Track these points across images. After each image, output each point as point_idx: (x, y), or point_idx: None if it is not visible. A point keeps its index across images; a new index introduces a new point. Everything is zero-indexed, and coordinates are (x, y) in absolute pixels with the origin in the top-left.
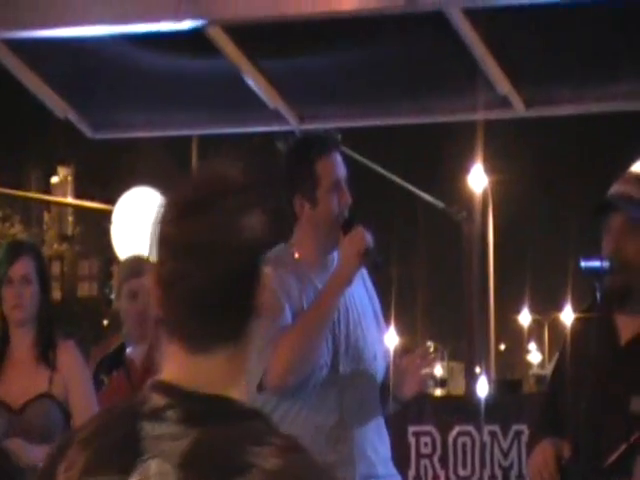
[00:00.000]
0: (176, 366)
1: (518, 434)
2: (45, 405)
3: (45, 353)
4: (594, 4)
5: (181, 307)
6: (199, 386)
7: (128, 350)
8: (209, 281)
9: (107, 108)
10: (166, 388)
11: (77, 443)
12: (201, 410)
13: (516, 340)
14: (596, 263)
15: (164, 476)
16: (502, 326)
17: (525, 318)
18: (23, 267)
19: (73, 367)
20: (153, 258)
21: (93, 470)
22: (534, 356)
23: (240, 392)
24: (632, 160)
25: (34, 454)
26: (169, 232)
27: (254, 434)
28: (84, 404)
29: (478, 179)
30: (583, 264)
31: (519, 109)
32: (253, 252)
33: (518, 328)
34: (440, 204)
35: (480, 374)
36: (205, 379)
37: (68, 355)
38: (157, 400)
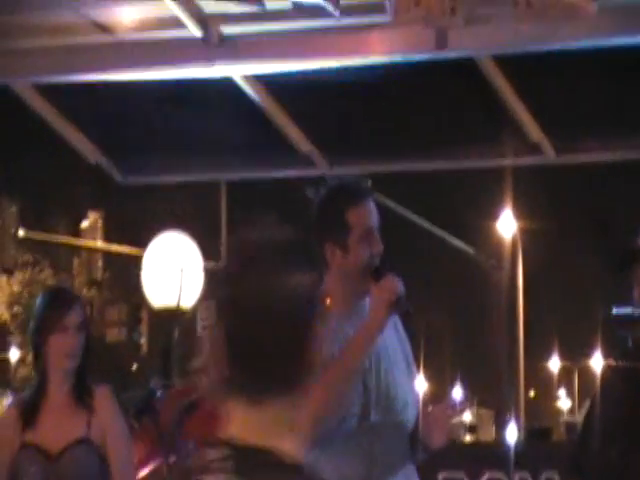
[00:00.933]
0: (235, 418)
1: None
2: (83, 451)
3: (83, 398)
4: (622, 52)
5: (237, 362)
6: (250, 438)
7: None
8: (258, 338)
9: (137, 154)
10: (220, 442)
11: None
12: (253, 462)
13: (546, 387)
14: (628, 310)
15: None
16: (532, 373)
17: (555, 365)
18: (78, 316)
19: (110, 411)
20: (210, 318)
21: None
22: (564, 403)
23: (292, 443)
24: None
25: None
26: (220, 293)
27: None
28: (122, 449)
29: (507, 225)
30: (615, 311)
31: (549, 156)
32: (302, 307)
33: (548, 375)
34: (470, 250)
35: (509, 421)
36: (258, 431)
37: (105, 400)
38: (211, 453)
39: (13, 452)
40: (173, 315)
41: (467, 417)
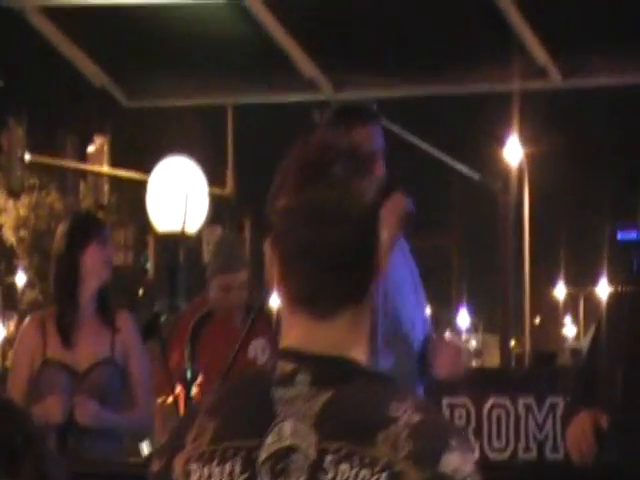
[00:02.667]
0: (301, 332)
1: (553, 407)
2: (108, 370)
3: (108, 318)
4: None
5: (311, 274)
6: (325, 349)
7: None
8: (337, 245)
9: (142, 76)
10: (293, 354)
11: (204, 412)
12: (330, 372)
13: (551, 313)
14: (632, 235)
15: (301, 435)
16: (537, 299)
17: (560, 291)
18: (109, 231)
19: (132, 334)
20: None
21: (225, 435)
22: (569, 329)
23: (363, 353)
24: None
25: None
26: (289, 200)
27: (389, 393)
28: (143, 371)
29: (514, 151)
30: (620, 236)
31: (556, 80)
32: (372, 213)
33: (554, 301)
34: (476, 175)
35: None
36: (331, 342)
37: (127, 322)
38: (285, 366)
39: (34, 368)
40: (178, 239)
41: (473, 342)
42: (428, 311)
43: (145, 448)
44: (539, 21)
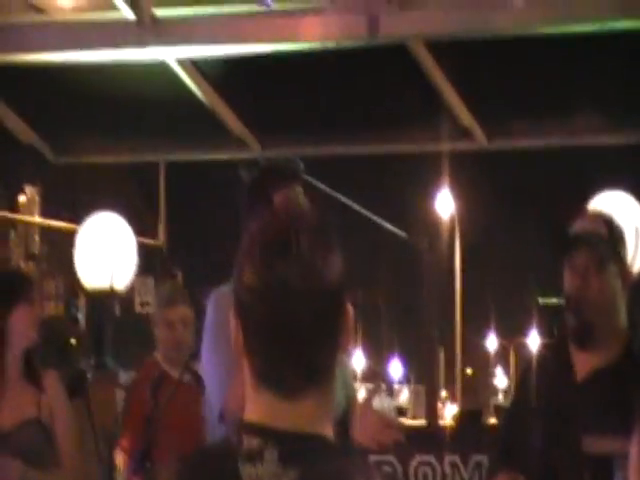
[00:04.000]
0: (266, 408)
1: (479, 465)
2: (33, 430)
3: (33, 378)
4: (551, 39)
5: (275, 352)
6: (291, 426)
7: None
8: (303, 323)
9: (70, 134)
10: (259, 429)
11: None
12: (298, 449)
13: (483, 364)
14: (553, 300)
15: None
16: (469, 351)
17: (492, 343)
18: (35, 291)
19: (58, 393)
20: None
21: None
22: (500, 380)
23: (329, 429)
24: (588, 195)
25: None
26: (255, 277)
27: (356, 467)
28: (67, 430)
29: (445, 204)
30: (541, 301)
31: (481, 141)
32: (338, 288)
33: (485, 352)
34: (402, 234)
35: (445, 401)
36: (297, 419)
37: (53, 381)
38: (251, 441)
39: None
40: (107, 295)
41: (405, 393)
42: (362, 364)
43: None
44: (463, 83)
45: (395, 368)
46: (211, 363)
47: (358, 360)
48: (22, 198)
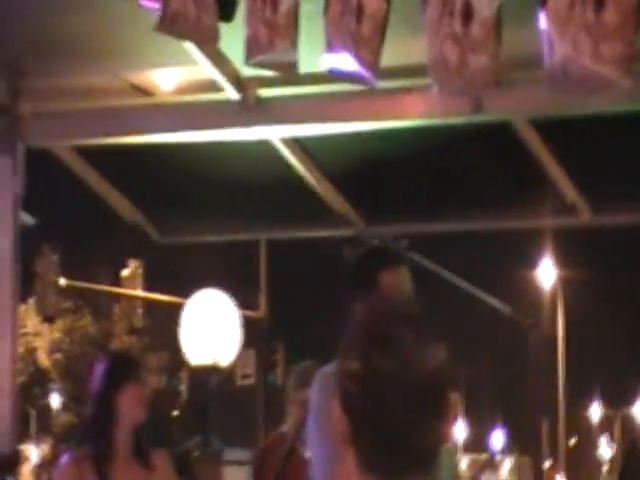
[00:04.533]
0: None
1: None
2: None
3: (143, 456)
4: None
5: (379, 441)
6: None
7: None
8: (406, 414)
9: (174, 213)
10: None
11: None
12: None
13: (587, 434)
14: None
15: None
16: (572, 421)
17: (596, 412)
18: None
19: (166, 472)
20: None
21: None
22: (605, 450)
23: None
24: None
25: None
26: (361, 368)
27: None
28: None
29: (547, 274)
30: None
31: (586, 217)
32: (443, 381)
33: (588, 422)
34: (507, 309)
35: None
36: None
37: (162, 460)
38: None
39: None
40: (210, 370)
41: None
42: (465, 433)
43: None
44: (568, 160)
45: (497, 438)
46: (318, 456)
47: (461, 429)
48: (125, 272)
